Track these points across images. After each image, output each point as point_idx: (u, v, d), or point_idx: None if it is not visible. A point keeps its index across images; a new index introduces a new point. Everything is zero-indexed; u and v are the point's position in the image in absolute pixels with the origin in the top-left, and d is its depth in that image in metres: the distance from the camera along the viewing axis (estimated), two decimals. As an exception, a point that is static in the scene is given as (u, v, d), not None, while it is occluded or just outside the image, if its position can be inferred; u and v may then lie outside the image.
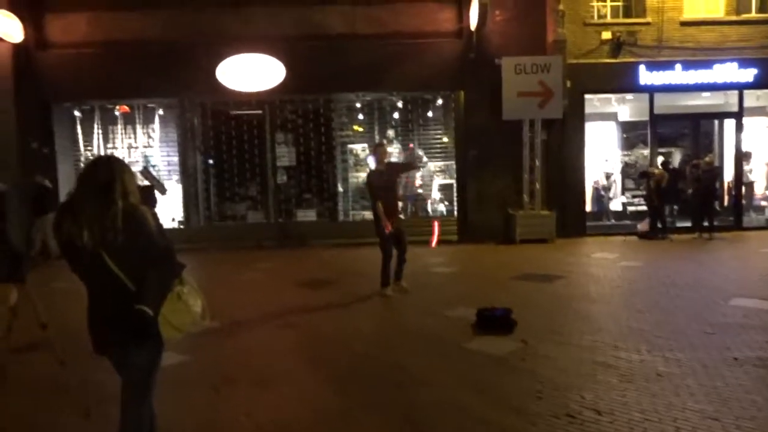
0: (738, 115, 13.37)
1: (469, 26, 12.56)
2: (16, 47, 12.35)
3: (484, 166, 12.74)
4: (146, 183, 12.69)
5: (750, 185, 13.90)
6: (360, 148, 14.14)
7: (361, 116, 14.01)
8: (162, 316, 2.78)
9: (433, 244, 12.21)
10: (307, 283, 8.96)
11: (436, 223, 12.58)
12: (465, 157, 13.00)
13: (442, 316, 6.66)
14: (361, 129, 14.07)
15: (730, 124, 13.95)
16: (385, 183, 7.68)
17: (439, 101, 13.76)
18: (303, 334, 6.19)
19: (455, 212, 13.63)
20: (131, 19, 12.66)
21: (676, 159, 14.76)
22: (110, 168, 2.78)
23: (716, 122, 14.46)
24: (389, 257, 7.74)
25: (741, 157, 13.51)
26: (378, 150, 8.01)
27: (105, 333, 2.81)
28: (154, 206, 2.90)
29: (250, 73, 12.61)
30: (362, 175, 14.31)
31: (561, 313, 6.65)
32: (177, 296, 2.84)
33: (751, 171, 13.84)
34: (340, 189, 13.90)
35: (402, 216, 8.18)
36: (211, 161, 13.95)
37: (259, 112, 13.56)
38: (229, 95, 12.97)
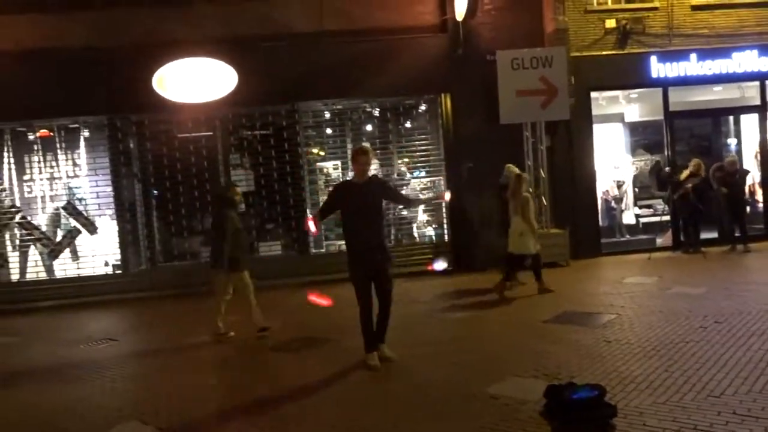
0: (762, 109, 11.77)
1: (454, 18, 10.65)
2: None
3: (481, 180, 10.71)
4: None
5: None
6: (331, 166, 11.95)
7: (330, 130, 11.84)
8: None
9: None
10: (286, 345, 6.72)
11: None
12: (457, 171, 11.00)
13: (487, 399, 4.53)
14: (322, 153, 11.92)
15: (747, 119, 12.38)
16: (360, 203, 5.48)
17: (423, 107, 11.73)
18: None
19: (446, 236, 11.58)
20: (48, 22, 10.34)
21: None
22: None
23: (731, 119, 12.87)
24: (365, 310, 5.54)
25: (768, 157, 11.88)
26: (357, 158, 5.58)
27: None
28: None
29: (195, 81, 10.39)
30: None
31: (663, 379, 4.56)
32: None
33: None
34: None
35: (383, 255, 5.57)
36: (155, 192, 11.53)
37: (210, 133, 11.27)
38: (170, 110, 10.71)
